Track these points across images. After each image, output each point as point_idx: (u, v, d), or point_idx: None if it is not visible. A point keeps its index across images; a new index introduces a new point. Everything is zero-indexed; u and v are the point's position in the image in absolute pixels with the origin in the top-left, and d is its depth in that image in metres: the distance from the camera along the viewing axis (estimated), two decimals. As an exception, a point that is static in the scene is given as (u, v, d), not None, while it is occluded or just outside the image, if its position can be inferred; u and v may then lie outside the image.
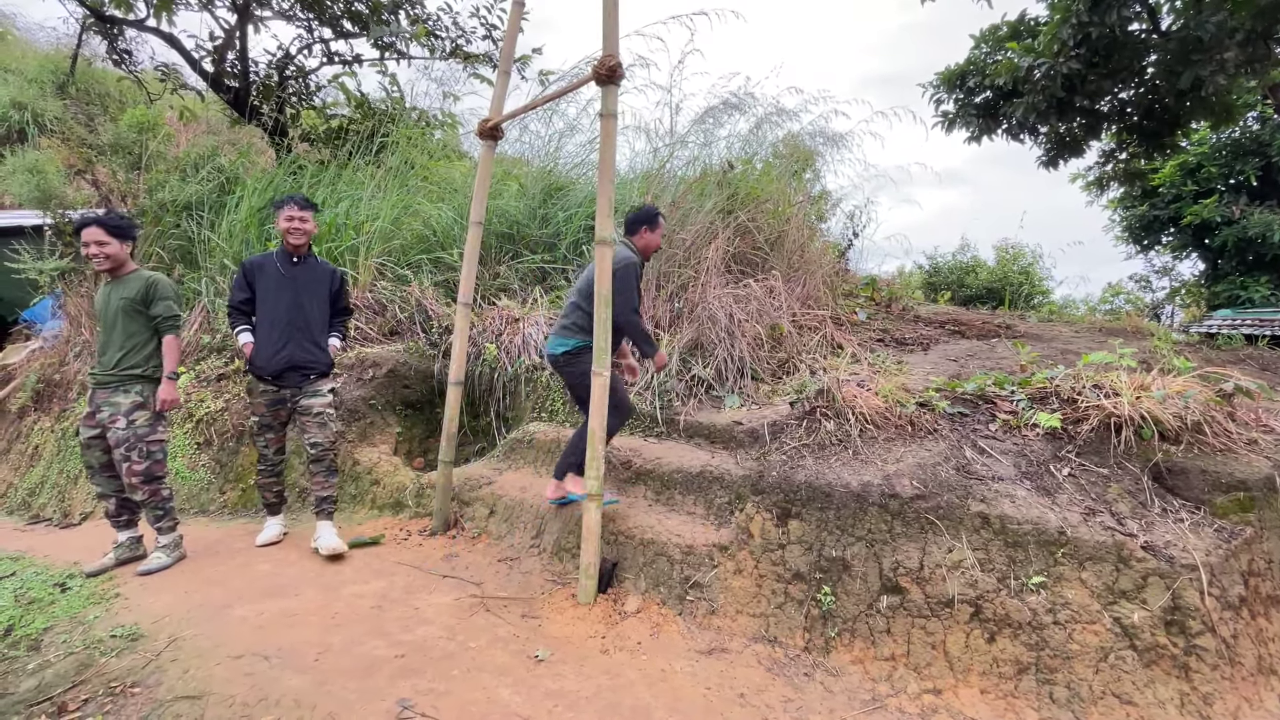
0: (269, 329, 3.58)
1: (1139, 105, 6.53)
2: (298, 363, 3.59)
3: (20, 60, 11.16)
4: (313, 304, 3.69)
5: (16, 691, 2.37)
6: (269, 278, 3.63)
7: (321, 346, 3.70)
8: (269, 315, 3.60)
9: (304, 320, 3.64)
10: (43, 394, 6.26)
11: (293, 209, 3.62)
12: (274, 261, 3.67)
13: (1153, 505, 2.60)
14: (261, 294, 3.63)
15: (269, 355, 3.55)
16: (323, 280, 3.78)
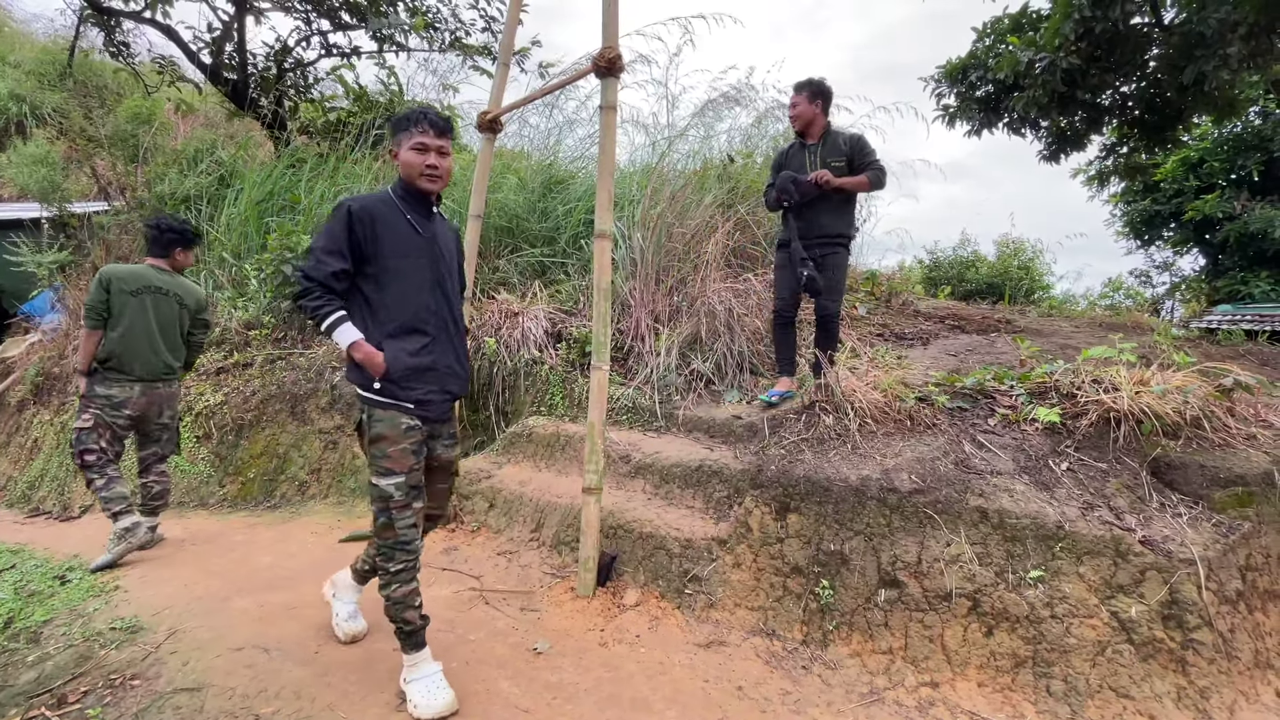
0: (418, 325, 2.20)
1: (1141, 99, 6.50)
2: (449, 384, 2.28)
3: (18, 52, 11.12)
4: (453, 282, 2.36)
5: (17, 683, 2.38)
6: (398, 236, 2.19)
7: (468, 353, 2.47)
8: (404, 298, 2.20)
9: (449, 310, 2.30)
10: (42, 387, 6.26)
11: (427, 133, 2.21)
12: (399, 210, 2.23)
13: (1151, 500, 2.60)
14: (391, 264, 2.17)
15: (412, 366, 2.16)
16: (456, 247, 2.46)
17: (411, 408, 2.18)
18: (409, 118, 2.26)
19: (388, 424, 2.15)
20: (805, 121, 3.70)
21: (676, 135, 6.17)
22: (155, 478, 3.76)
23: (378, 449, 2.14)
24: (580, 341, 4.64)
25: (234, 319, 5.48)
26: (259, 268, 5.35)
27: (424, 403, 2.20)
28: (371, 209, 2.18)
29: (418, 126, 2.22)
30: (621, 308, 4.77)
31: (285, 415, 4.72)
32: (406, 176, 2.25)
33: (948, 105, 7.08)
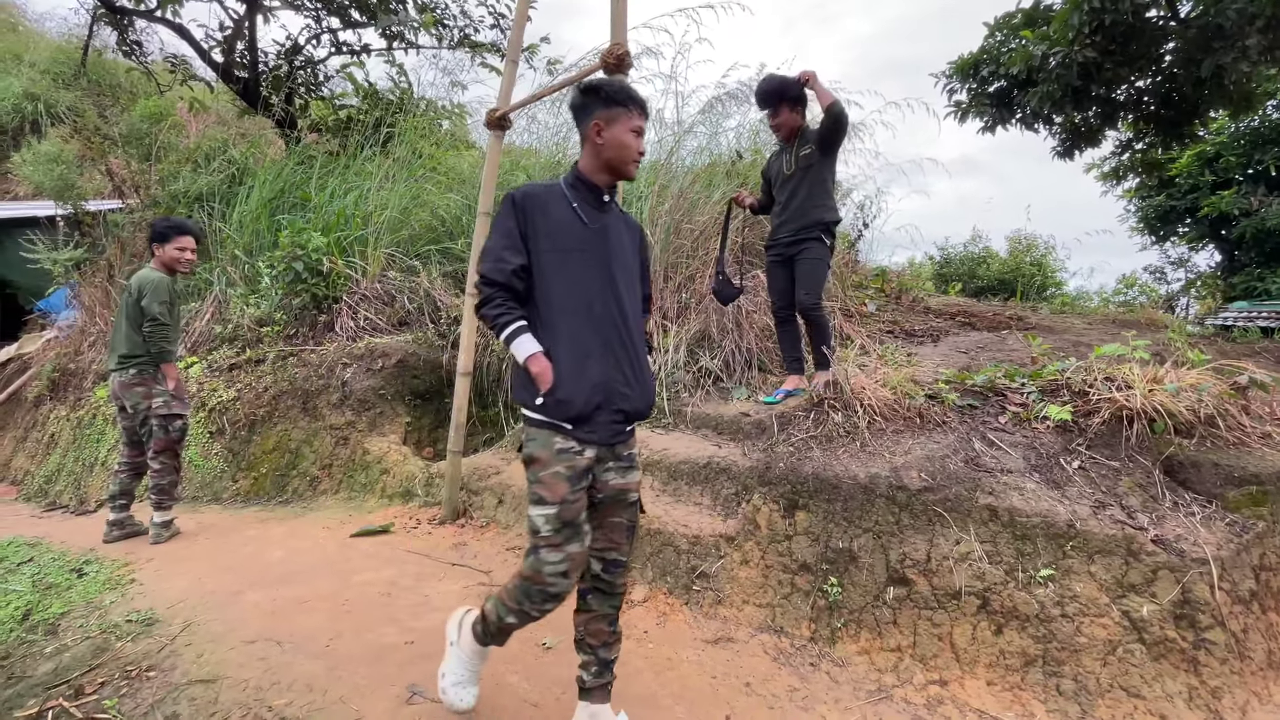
0: (578, 331, 1.87)
1: (1156, 94, 6.42)
2: (620, 402, 1.90)
3: (32, 51, 11.25)
4: (630, 285, 2.01)
5: (35, 674, 2.42)
6: (559, 226, 1.89)
7: (649, 368, 2.06)
8: (565, 299, 1.88)
9: (620, 316, 1.93)
10: (59, 383, 6.36)
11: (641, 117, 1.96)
12: (565, 198, 1.93)
13: (1164, 499, 2.58)
14: (549, 259, 1.87)
15: (580, 383, 1.83)
16: (635, 243, 2.11)
17: (569, 428, 1.83)
18: (625, 96, 1.94)
19: (540, 444, 1.84)
20: (790, 129, 3.71)
21: (684, 131, 6.16)
22: (149, 471, 3.83)
23: (530, 473, 1.86)
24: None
25: (246, 316, 5.53)
26: (271, 265, 5.39)
27: (584, 421, 1.84)
28: (533, 195, 1.92)
29: (635, 107, 1.94)
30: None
31: (297, 411, 4.76)
32: (615, 160, 1.94)
33: (960, 101, 7.02)
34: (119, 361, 3.79)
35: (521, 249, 1.86)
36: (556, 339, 1.84)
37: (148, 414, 3.77)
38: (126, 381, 3.77)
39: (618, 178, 2.01)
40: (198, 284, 6.22)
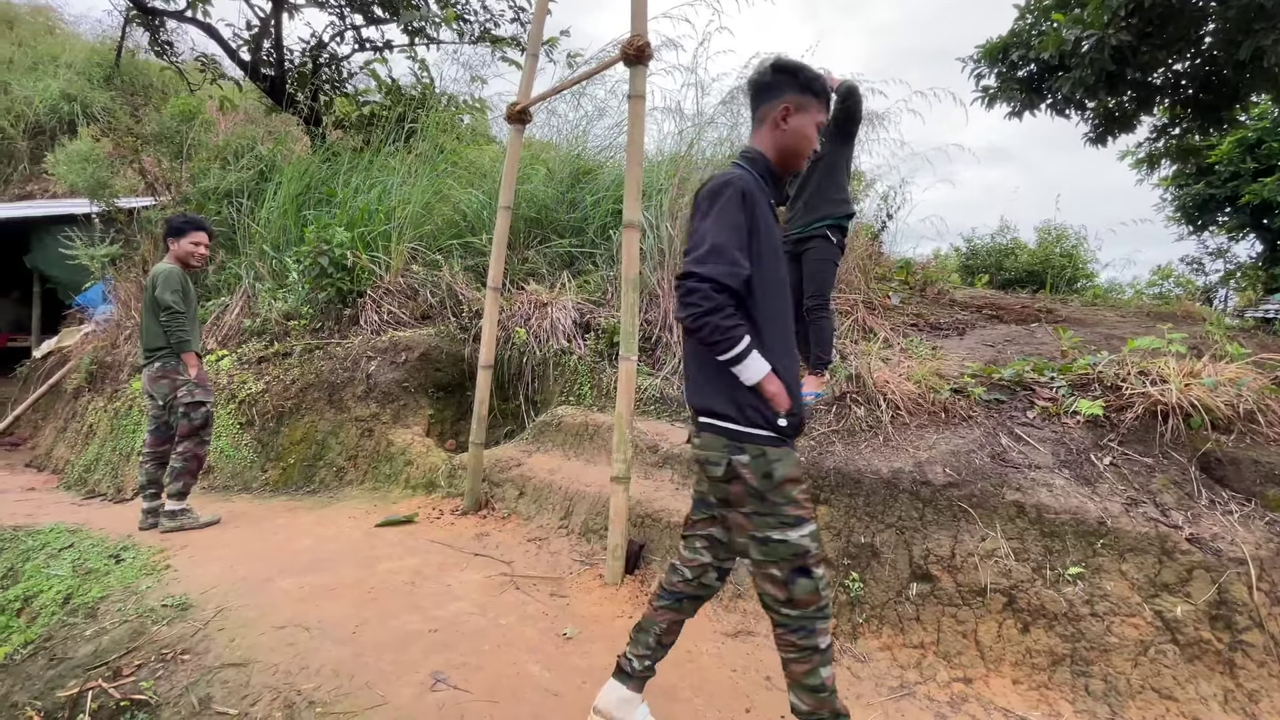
0: (786, 344, 1.80)
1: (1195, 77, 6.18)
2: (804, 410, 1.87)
3: (68, 53, 11.54)
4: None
5: (75, 656, 2.50)
6: (773, 231, 1.77)
7: None
8: (780, 307, 1.79)
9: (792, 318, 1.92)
10: (96, 375, 6.55)
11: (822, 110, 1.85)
12: (765, 195, 1.79)
13: (1200, 497, 2.51)
14: (768, 263, 1.73)
15: (798, 399, 1.77)
16: None
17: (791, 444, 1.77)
18: (820, 87, 1.82)
19: (789, 463, 1.69)
20: None
21: (705, 122, 6.11)
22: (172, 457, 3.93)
23: (782, 494, 1.66)
24: (608, 332, 4.65)
25: (274, 310, 5.64)
26: (298, 260, 5.49)
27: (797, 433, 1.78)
28: (753, 188, 1.71)
29: (825, 101, 1.85)
30: (649, 298, 4.77)
31: (323, 403, 4.85)
32: (794, 150, 1.82)
33: (987, 86, 6.85)
34: (146, 355, 3.92)
35: (749, 251, 1.67)
36: (771, 352, 1.69)
37: (174, 403, 3.88)
38: (153, 374, 3.89)
39: (786, 170, 1.88)
40: (227, 279, 6.36)
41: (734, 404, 1.68)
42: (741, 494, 1.69)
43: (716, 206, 1.67)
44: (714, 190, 1.69)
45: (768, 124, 1.81)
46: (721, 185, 1.69)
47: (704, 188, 1.74)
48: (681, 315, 1.65)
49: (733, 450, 1.68)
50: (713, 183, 1.71)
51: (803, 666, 1.70)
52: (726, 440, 1.69)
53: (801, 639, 1.68)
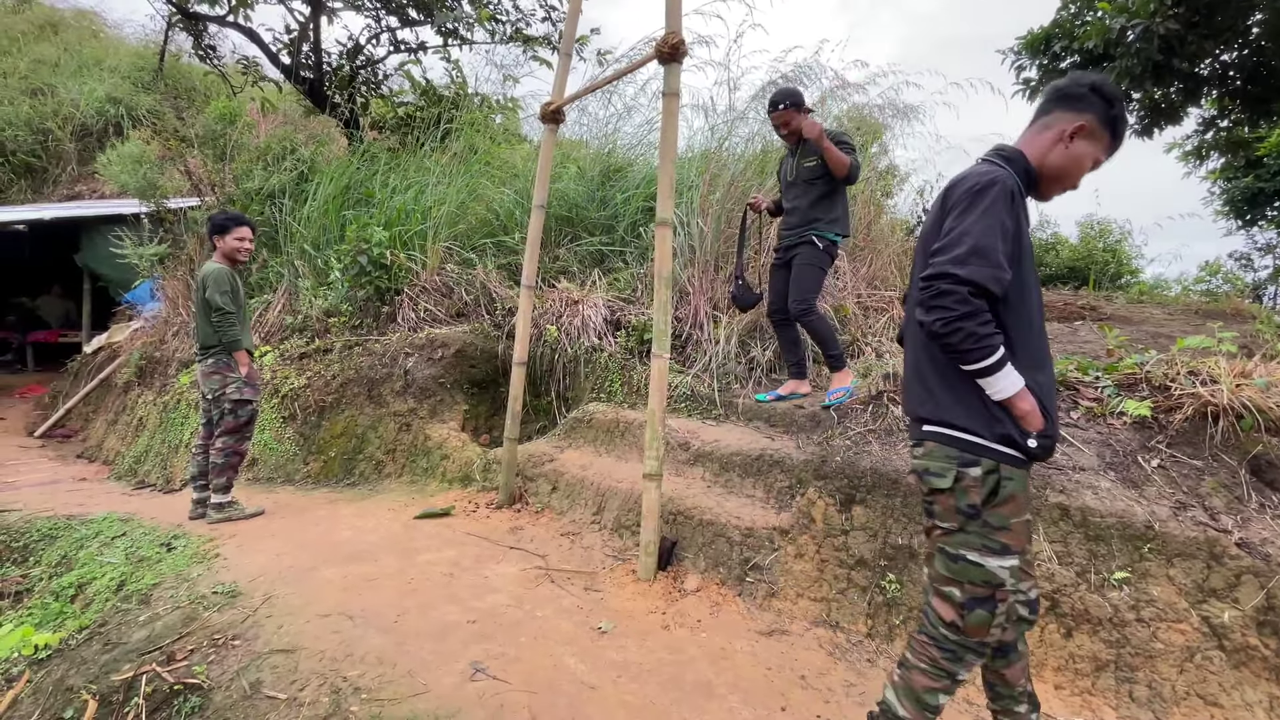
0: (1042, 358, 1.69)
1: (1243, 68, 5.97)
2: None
3: (113, 57, 11.94)
4: None
5: (129, 641, 2.60)
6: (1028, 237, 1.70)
7: None
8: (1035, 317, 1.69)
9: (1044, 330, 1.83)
10: (145, 370, 6.80)
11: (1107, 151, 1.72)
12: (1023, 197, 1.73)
13: (1250, 500, 2.43)
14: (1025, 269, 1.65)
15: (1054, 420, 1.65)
16: None
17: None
18: (1123, 126, 1.71)
19: (1019, 484, 1.59)
20: (796, 131, 3.59)
21: (737, 118, 6.08)
22: (210, 452, 4.04)
23: (998, 517, 1.56)
24: (638, 329, 4.68)
25: (315, 307, 5.79)
26: (339, 258, 5.62)
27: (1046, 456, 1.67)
28: (1019, 191, 1.62)
29: (1116, 145, 1.73)
30: (680, 295, 4.78)
31: (363, 398, 4.97)
32: (1061, 174, 1.69)
33: (1029, 79, 6.70)
34: (200, 352, 4.05)
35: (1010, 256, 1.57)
36: (1023, 366, 1.60)
37: (223, 398, 4.00)
38: (206, 370, 4.01)
39: (1044, 188, 1.73)
40: (270, 277, 6.54)
41: (978, 416, 1.59)
42: (951, 508, 1.60)
43: (981, 205, 1.55)
44: (977, 188, 1.57)
45: (1052, 132, 1.68)
46: (987, 183, 1.57)
47: (962, 183, 1.62)
48: (929, 319, 1.54)
49: (964, 462, 1.58)
50: (973, 178, 1.60)
51: (928, 683, 1.63)
52: (959, 451, 1.60)
53: (946, 660, 1.62)
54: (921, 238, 1.73)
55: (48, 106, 10.72)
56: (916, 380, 1.72)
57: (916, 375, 1.73)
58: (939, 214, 1.65)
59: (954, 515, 1.60)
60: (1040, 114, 1.74)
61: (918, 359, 1.73)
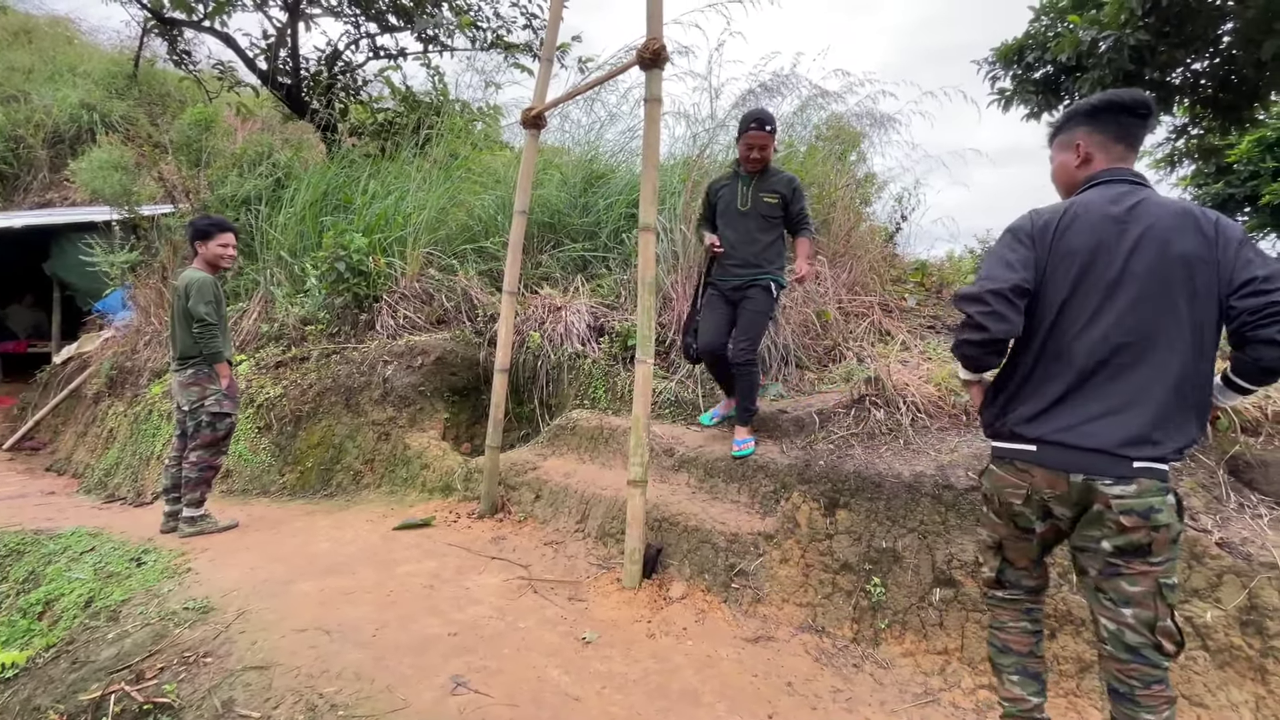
0: None
1: (1214, 77, 6.13)
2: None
3: (87, 63, 11.73)
4: None
5: (98, 659, 2.52)
6: None
7: None
8: None
9: None
10: (116, 380, 6.63)
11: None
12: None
13: (1229, 500, 2.46)
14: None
15: None
16: None
17: None
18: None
19: None
20: (764, 160, 3.40)
21: (717, 126, 6.11)
22: (184, 465, 3.93)
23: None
24: (622, 335, 4.65)
25: (291, 315, 5.69)
26: (316, 265, 5.54)
27: None
28: None
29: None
30: (663, 301, 4.76)
31: (340, 407, 4.88)
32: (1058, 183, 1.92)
33: (1003, 88, 6.82)
34: (178, 362, 3.93)
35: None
36: None
37: (200, 410, 3.89)
38: (183, 381, 3.89)
39: None
40: (245, 284, 6.43)
41: (1190, 439, 1.62)
42: (1165, 541, 1.56)
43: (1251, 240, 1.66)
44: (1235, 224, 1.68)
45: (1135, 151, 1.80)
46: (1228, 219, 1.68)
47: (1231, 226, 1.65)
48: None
49: (1166, 491, 1.58)
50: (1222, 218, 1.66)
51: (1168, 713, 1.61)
52: (1162, 483, 1.57)
53: (1167, 689, 1.61)
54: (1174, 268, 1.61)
55: (20, 113, 10.49)
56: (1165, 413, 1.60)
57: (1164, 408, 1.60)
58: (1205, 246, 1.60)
59: (1168, 547, 1.58)
60: (1135, 140, 1.80)
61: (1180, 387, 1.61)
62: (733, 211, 3.47)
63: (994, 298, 1.63)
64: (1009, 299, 1.64)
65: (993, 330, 1.64)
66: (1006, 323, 1.64)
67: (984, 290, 1.65)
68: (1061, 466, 1.62)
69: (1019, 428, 1.69)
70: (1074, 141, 1.82)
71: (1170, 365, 1.60)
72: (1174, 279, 1.59)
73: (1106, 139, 1.77)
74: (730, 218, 3.48)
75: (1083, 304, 1.65)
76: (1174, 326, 1.60)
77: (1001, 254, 1.72)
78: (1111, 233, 1.65)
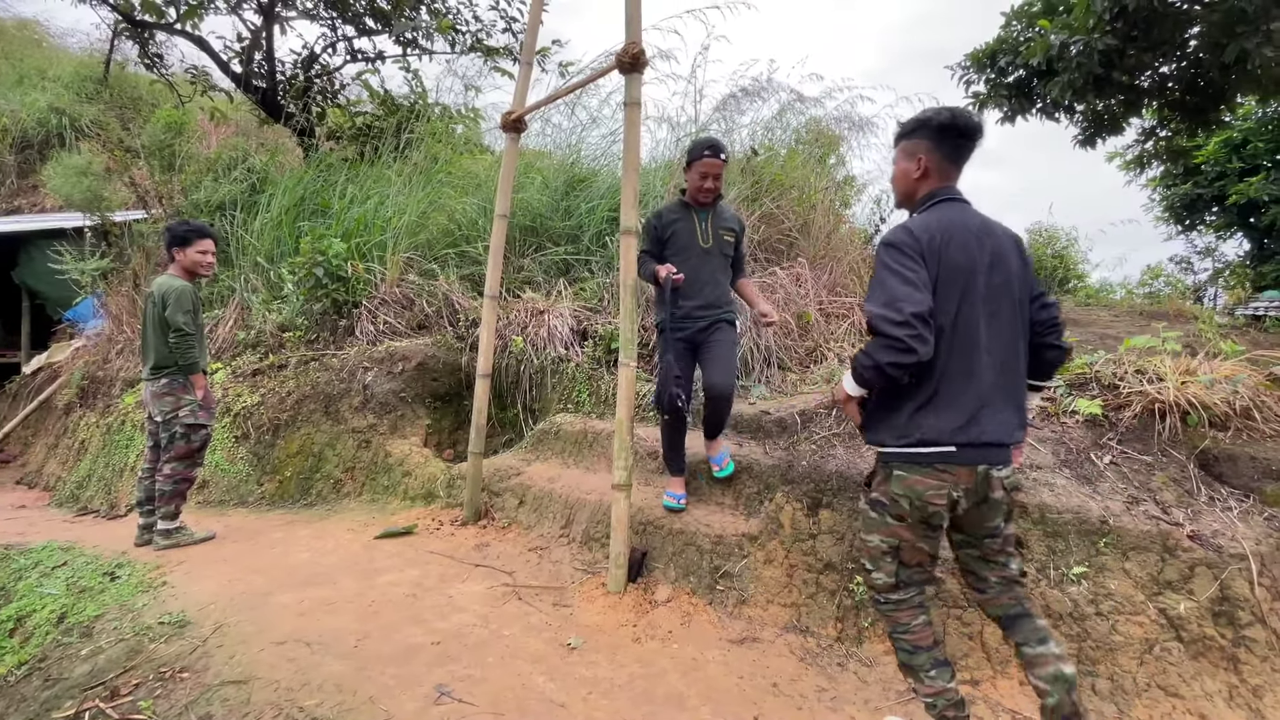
0: None
1: (1181, 80, 6.27)
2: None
3: (56, 66, 11.49)
4: None
5: (71, 676, 2.46)
6: None
7: None
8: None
9: None
10: (88, 390, 6.48)
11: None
12: None
13: (1199, 493, 2.52)
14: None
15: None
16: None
17: None
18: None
19: None
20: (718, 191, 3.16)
21: (700, 129, 6.13)
22: (157, 478, 3.84)
23: None
24: (605, 339, 4.65)
25: (269, 322, 5.61)
26: (293, 271, 5.46)
27: None
28: None
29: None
30: (647, 304, 4.77)
31: (319, 415, 4.81)
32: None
33: (978, 92, 6.93)
34: (151, 371, 3.82)
35: None
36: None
37: (174, 421, 3.81)
38: (157, 391, 3.79)
39: None
40: (221, 291, 6.32)
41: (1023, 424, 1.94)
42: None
43: None
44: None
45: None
46: None
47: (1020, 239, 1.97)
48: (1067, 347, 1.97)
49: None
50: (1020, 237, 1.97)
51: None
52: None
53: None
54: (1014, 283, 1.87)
55: (-14, 119, 10.23)
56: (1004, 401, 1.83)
57: (1021, 403, 1.90)
58: (1023, 264, 1.91)
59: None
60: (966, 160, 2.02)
61: (1023, 385, 1.91)
62: (695, 249, 3.14)
63: (919, 321, 1.70)
64: (928, 321, 1.72)
65: (921, 353, 1.70)
66: (929, 344, 1.72)
67: (909, 314, 1.70)
68: (975, 462, 1.78)
69: (941, 435, 1.78)
70: (917, 154, 1.96)
71: (1021, 368, 1.89)
72: (1015, 294, 1.86)
73: (944, 157, 1.94)
74: (691, 256, 3.13)
75: (971, 318, 1.80)
76: (1021, 336, 1.87)
77: (902, 274, 1.77)
78: (975, 251, 1.82)
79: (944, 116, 1.92)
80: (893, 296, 1.74)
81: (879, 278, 1.81)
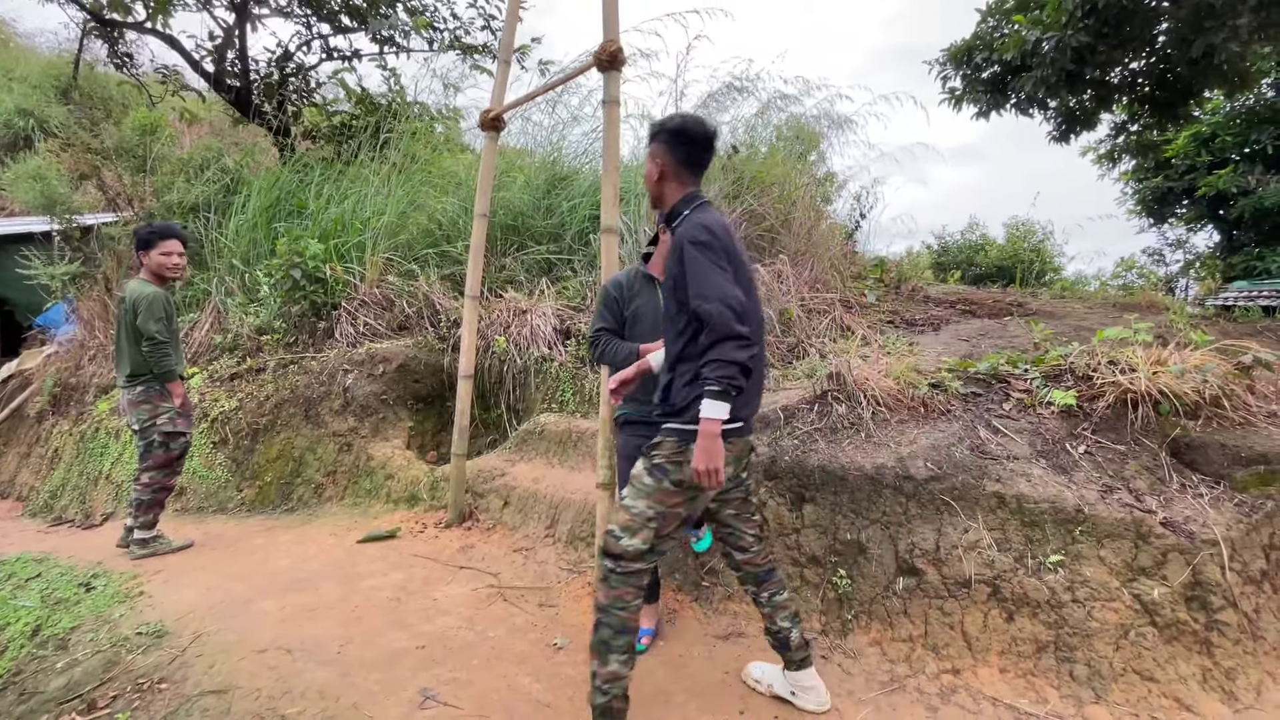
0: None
1: (1151, 75, 6.38)
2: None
3: (23, 66, 11.21)
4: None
5: (47, 690, 2.41)
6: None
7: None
8: None
9: None
10: (60, 398, 6.34)
11: None
12: None
13: (1171, 481, 2.57)
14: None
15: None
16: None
17: None
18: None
19: None
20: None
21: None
22: (135, 486, 3.77)
23: None
24: (588, 338, 4.63)
25: (245, 325, 5.52)
26: (269, 273, 5.38)
27: None
28: None
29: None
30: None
31: (299, 419, 4.75)
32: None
33: (954, 88, 6.99)
34: (126, 379, 3.73)
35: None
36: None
37: (152, 430, 3.74)
38: (133, 399, 3.72)
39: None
40: (196, 294, 6.21)
41: None
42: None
43: None
44: None
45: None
46: None
47: None
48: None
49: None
50: None
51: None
52: None
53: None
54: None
55: (-49, 120, 9.96)
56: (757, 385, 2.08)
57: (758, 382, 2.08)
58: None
59: None
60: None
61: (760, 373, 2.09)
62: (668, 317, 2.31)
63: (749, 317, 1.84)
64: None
65: (756, 345, 1.82)
66: None
67: (740, 309, 1.78)
68: (749, 432, 2.06)
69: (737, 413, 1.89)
70: (657, 157, 2.07)
71: None
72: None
73: (679, 161, 2.03)
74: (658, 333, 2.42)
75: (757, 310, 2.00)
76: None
77: (721, 268, 1.84)
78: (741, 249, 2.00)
79: (675, 122, 2.03)
80: (725, 292, 1.76)
81: (699, 274, 1.80)
